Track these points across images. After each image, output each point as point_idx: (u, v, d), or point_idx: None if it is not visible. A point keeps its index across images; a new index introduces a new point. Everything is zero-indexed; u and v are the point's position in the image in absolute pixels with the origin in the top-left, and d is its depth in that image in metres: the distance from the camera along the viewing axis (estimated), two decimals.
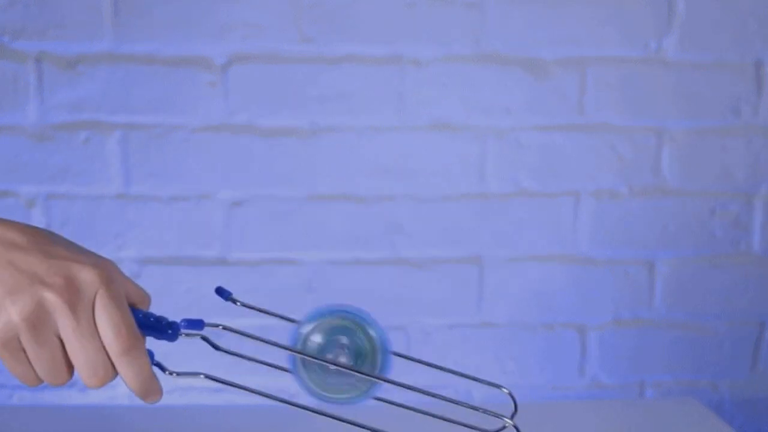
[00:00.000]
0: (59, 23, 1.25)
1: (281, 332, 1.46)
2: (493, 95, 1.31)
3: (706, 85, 1.33)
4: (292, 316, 0.80)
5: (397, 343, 1.38)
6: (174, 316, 0.79)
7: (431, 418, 0.78)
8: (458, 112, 1.32)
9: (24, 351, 0.64)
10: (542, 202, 1.35)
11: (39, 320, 0.62)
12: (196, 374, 0.72)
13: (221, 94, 1.28)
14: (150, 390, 0.69)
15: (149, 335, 0.70)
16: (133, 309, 0.68)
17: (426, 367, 1.41)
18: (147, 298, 0.72)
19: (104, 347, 0.64)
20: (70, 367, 0.65)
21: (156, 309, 1.41)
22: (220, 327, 0.74)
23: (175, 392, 1.36)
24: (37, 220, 1.29)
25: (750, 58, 1.33)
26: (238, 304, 0.78)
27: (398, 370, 1.42)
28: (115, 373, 0.66)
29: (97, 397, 1.35)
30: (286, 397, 0.80)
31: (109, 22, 1.26)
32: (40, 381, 0.66)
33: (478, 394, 1.39)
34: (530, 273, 1.37)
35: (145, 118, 1.29)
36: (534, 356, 1.39)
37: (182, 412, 1.21)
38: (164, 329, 0.71)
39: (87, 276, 0.63)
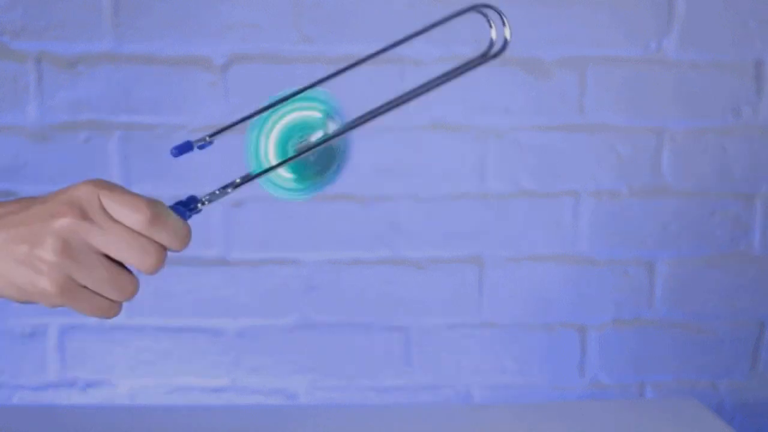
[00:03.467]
0: (59, 23, 1.25)
1: (284, 330, 1.46)
2: (493, 95, 1.31)
3: (706, 85, 1.33)
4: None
5: (397, 343, 1.39)
6: (174, 316, 0.79)
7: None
8: (458, 112, 1.32)
9: (83, 287, 0.66)
10: (542, 202, 1.35)
11: (72, 248, 0.64)
12: (226, 188, 0.72)
13: (221, 94, 1.28)
14: (189, 239, 0.72)
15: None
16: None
17: (425, 364, 1.41)
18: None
19: (136, 231, 0.66)
20: (128, 271, 0.67)
21: (156, 309, 1.41)
22: (206, 138, 0.74)
23: (175, 392, 1.36)
24: None
25: (750, 58, 1.33)
26: (208, 138, 0.77)
27: (397, 367, 1.43)
28: (163, 246, 0.68)
29: (97, 397, 1.35)
30: (288, 398, 0.80)
31: (109, 22, 1.26)
32: (119, 304, 0.68)
33: (478, 394, 1.39)
34: (530, 273, 1.37)
35: (145, 118, 1.29)
36: (534, 356, 1.39)
37: (182, 412, 1.21)
38: (184, 205, 0.72)
39: (82, 189, 0.66)
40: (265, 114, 0.74)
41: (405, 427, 1.14)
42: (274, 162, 0.74)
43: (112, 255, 0.66)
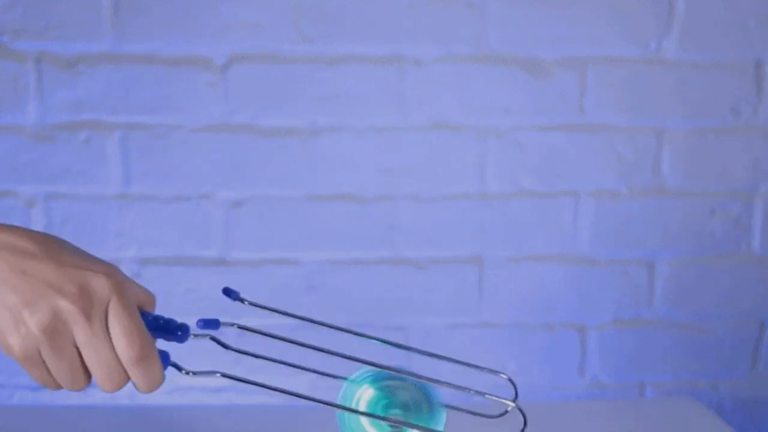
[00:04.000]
0: (59, 23, 1.25)
1: (284, 330, 1.46)
2: (493, 95, 1.31)
3: (706, 85, 1.33)
4: (298, 314, 0.80)
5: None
6: (174, 316, 0.79)
7: None
8: (458, 112, 1.32)
9: (44, 361, 0.65)
10: (542, 202, 1.35)
11: (57, 331, 0.63)
12: (212, 373, 0.73)
13: (221, 94, 1.28)
14: (156, 389, 0.70)
15: (159, 337, 0.71)
16: (143, 312, 0.69)
17: (425, 365, 1.41)
18: (152, 298, 0.73)
19: (118, 358, 0.66)
20: (88, 374, 0.67)
21: (156, 309, 1.41)
22: (235, 326, 0.75)
23: (175, 392, 1.36)
24: (37, 220, 1.29)
25: (750, 58, 1.33)
26: (246, 303, 0.79)
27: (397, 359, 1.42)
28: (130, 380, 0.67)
29: (97, 397, 1.35)
30: (288, 398, 0.80)
31: (109, 22, 1.26)
32: (60, 387, 0.67)
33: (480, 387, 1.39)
34: (530, 273, 1.37)
35: (145, 118, 1.29)
36: (534, 356, 1.39)
37: (182, 412, 1.21)
38: (174, 331, 0.71)
39: (99, 284, 0.64)
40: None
41: None
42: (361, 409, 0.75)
43: (85, 360, 0.65)
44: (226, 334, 0.77)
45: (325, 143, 1.31)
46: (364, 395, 0.79)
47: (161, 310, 1.40)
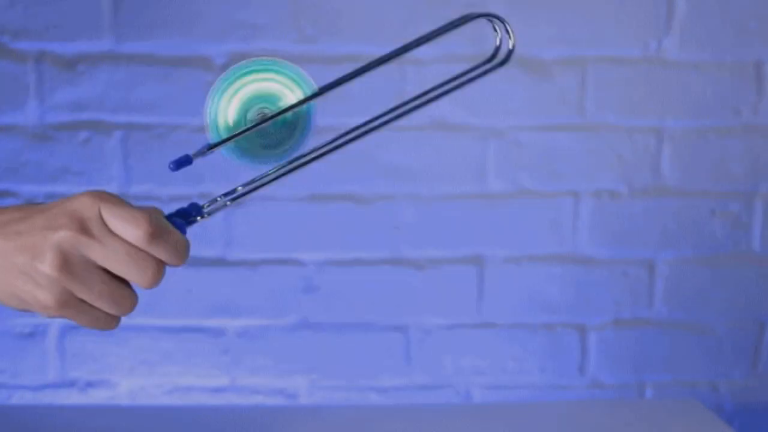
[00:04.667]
0: (59, 23, 1.25)
1: (284, 331, 1.45)
2: (493, 95, 1.31)
3: (706, 85, 1.33)
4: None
5: (396, 343, 1.39)
6: (174, 316, 0.79)
7: None
8: (458, 112, 1.32)
9: (82, 301, 0.66)
10: (542, 202, 1.35)
11: (71, 262, 0.64)
12: (223, 204, 0.72)
13: None
14: (188, 254, 0.70)
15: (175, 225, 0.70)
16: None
17: (425, 364, 1.41)
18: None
19: (135, 246, 0.66)
20: (126, 284, 0.67)
21: (156, 309, 1.41)
22: (205, 150, 0.74)
23: (175, 392, 1.36)
24: None
25: (750, 58, 1.33)
26: (208, 150, 0.77)
27: (396, 366, 1.42)
28: (162, 261, 0.67)
29: (97, 397, 1.35)
30: (288, 398, 0.80)
31: (109, 22, 1.26)
32: (115, 318, 0.68)
33: (478, 394, 1.39)
34: (530, 273, 1.37)
35: (145, 118, 1.29)
36: (534, 356, 1.39)
37: (182, 412, 1.21)
38: (187, 214, 0.71)
39: (83, 202, 0.66)
40: (224, 83, 0.74)
41: (405, 427, 1.14)
42: (233, 131, 0.74)
43: (111, 270, 0.66)
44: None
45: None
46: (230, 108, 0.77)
47: (162, 309, 1.41)
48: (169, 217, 0.70)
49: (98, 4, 1.25)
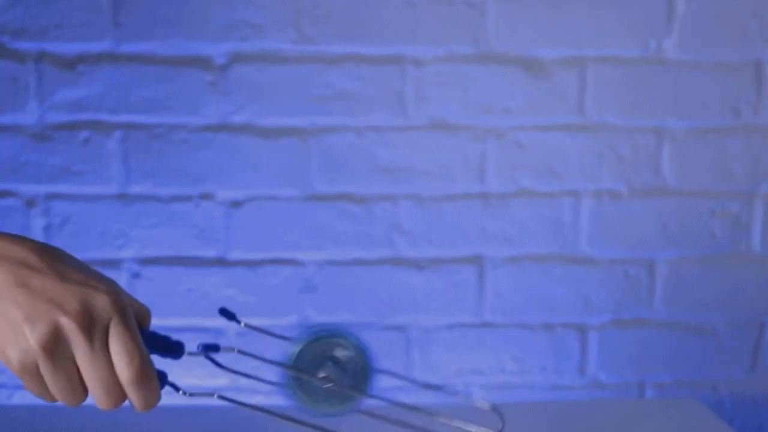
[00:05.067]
0: (59, 23, 1.25)
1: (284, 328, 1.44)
2: (493, 95, 1.31)
3: (706, 85, 1.33)
4: (286, 335, 0.81)
5: (397, 343, 1.39)
6: (174, 316, 0.79)
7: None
8: (458, 112, 1.32)
9: (41, 378, 0.65)
10: (542, 202, 1.35)
11: (56, 347, 0.64)
12: (209, 394, 0.73)
13: (221, 94, 1.29)
14: (151, 409, 0.70)
15: (155, 354, 0.71)
16: (140, 329, 0.70)
17: (425, 364, 1.41)
18: (148, 313, 0.73)
19: (116, 376, 0.66)
20: (85, 390, 0.67)
21: (156, 309, 1.41)
22: (235, 351, 0.75)
23: (175, 392, 1.36)
24: (37, 220, 1.29)
25: (750, 58, 1.33)
26: (243, 325, 0.79)
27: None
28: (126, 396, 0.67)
29: None
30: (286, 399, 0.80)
31: (109, 22, 1.26)
32: (56, 400, 0.68)
33: (478, 394, 1.39)
34: (530, 273, 1.37)
35: (145, 118, 1.29)
36: (534, 356, 1.39)
37: (182, 412, 1.21)
38: (170, 350, 0.72)
39: (101, 302, 0.65)
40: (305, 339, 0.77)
41: (405, 427, 1.14)
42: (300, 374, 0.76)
43: (84, 377, 0.65)
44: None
45: (325, 143, 1.31)
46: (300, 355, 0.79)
47: (162, 309, 1.41)
48: (158, 371, 0.70)
49: (98, 4, 1.25)
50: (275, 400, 1.37)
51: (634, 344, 1.40)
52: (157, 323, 1.34)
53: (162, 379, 0.70)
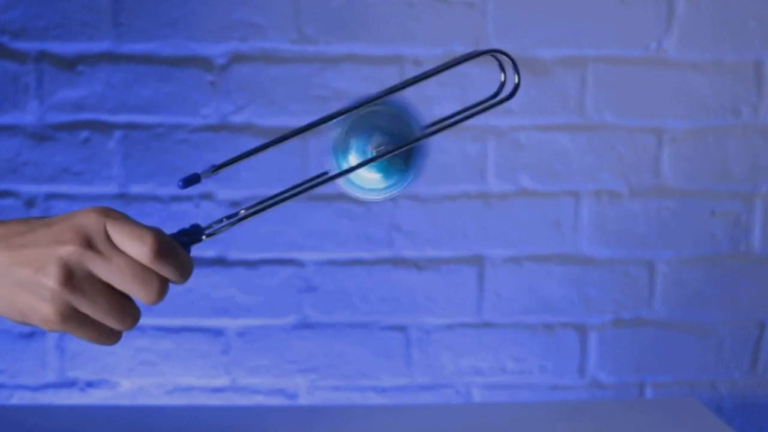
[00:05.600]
0: (59, 23, 1.25)
1: (282, 330, 1.45)
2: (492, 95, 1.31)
3: (706, 85, 1.33)
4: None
5: (396, 344, 1.39)
6: (174, 316, 0.79)
7: None
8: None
9: (84, 315, 0.66)
10: (542, 202, 1.35)
11: (75, 276, 0.64)
12: (235, 215, 0.71)
13: (221, 94, 1.28)
14: (191, 273, 0.70)
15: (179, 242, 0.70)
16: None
17: (425, 364, 1.41)
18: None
19: (140, 263, 0.66)
20: (129, 300, 0.67)
21: (156, 309, 1.41)
22: (213, 169, 0.74)
23: (175, 392, 1.36)
24: None
25: (750, 58, 1.33)
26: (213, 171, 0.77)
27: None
28: (166, 278, 0.67)
29: (97, 397, 1.35)
30: (288, 398, 0.80)
31: (109, 22, 1.26)
32: (118, 332, 0.68)
33: (478, 394, 1.39)
34: (530, 273, 1.37)
35: (145, 118, 1.29)
36: (534, 356, 1.39)
37: (182, 412, 1.21)
38: (188, 235, 0.70)
39: (89, 217, 0.65)
40: (341, 117, 0.75)
41: (405, 428, 1.14)
42: (354, 163, 0.74)
43: (115, 285, 0.66)
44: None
45: (325, 143, 1.31)
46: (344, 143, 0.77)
47: (161, 309, 1.40)
48: (173, 237, 0.69)
49: (98, 4, 1.25)
50: (276, 399, 1.37)
51: (634, 344, 1.40)
52: (157, 323, 1.34)
53: (183, 243, 0.69)
